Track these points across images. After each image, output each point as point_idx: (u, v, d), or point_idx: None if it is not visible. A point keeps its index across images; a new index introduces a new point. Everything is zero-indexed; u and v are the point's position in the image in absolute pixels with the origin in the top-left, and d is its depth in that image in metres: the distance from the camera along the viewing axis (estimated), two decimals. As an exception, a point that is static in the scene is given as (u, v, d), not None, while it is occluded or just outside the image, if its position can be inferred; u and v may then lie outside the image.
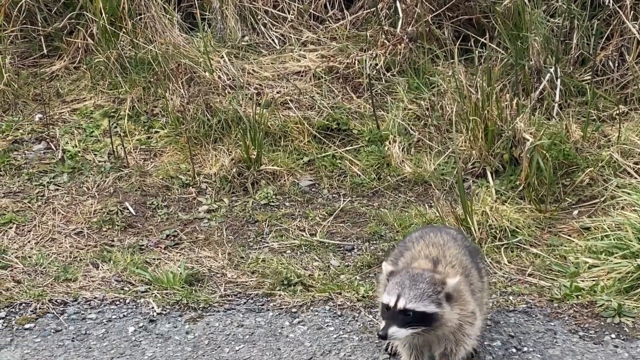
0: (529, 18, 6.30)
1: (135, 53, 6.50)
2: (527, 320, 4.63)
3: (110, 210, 5.50)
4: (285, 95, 6.33)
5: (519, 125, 5.67)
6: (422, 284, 3.76)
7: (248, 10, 6.91)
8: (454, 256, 4.09)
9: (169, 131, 6.15)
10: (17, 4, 6.69)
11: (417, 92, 6.36)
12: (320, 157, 5.96)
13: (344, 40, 6.82)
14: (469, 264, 4.14)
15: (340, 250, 5.22)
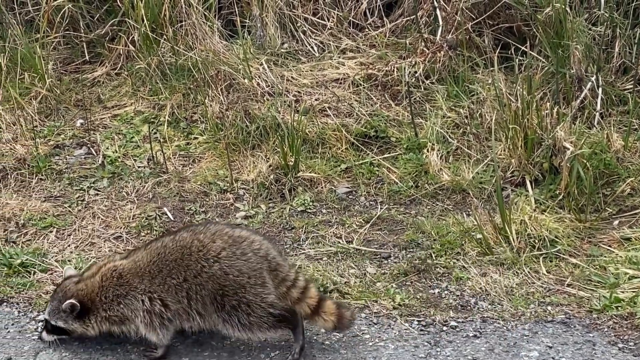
0: (571, 26, 6.24)
1: (176, 60, 6.56)
2: (566, 331, 4.58)
3: (149, 215, 5.54)
4: (323, 103, 6.34)
5: (559, 134, 5.61)
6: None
7: (288, 17, 6.94)
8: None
9: (207, 137, 6.19)
10: (60, 10, 6.78)
11: (456, 100, 6.34)
12: (358, 165, 5.95)
13: (383, 47, 6.81)
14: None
15: (376, 257, 5.21)
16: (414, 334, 4.56)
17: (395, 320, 4.66)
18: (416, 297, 4.85)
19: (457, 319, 4.69)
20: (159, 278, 4.26)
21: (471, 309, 4.78)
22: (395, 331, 4.58)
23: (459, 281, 4.99)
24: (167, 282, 4.26)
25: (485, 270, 5.04)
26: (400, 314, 4.71)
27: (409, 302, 4.79)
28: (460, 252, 5.19)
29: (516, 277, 4.99)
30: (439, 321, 4.66)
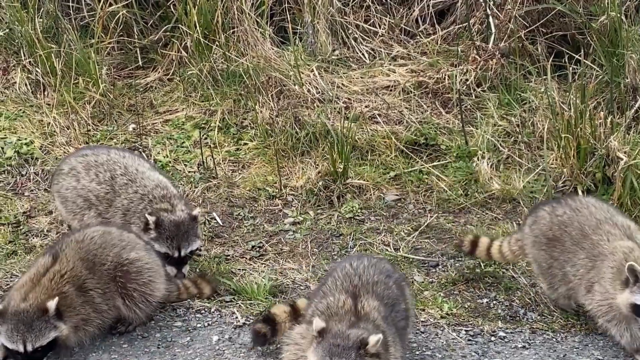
0: (626, 35, 6.16)
1: (227, 66, 6.60)
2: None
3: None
4: (373, 110, 6.33)
5: (612, 143, 5.54)
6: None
7: (339, 24, 6.94)
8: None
9: (257, 143, 6.21)
10: (114, 16, 6.87)
11: (507, 108, 6.28)
12: (407, 172, 5.93)
13: (435, 55, 6.78)
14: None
15: (424, 266, 5.18)
16: (462, 343, 4.52)
17: (442, 330, 4.63)
18: (464, 306, 4.81)
19: (505, 330, 4.64)
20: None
21: (520, 320, 4.73)
22: (442, 340, 4.54)
23: (508, 291, 4.94)
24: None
25: (535, 281, 4.98)
26: (448, 323, 4.68)
27: (457, 312, 4.76)
28: (510, 262, 5.14)
29: (566, 288, 4.92)
30: (487, 331, 4.62)
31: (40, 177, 5.98)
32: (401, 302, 4.16)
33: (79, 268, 4.40)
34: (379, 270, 4.18)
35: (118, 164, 5.10)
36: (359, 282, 4.07)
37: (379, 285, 4.09)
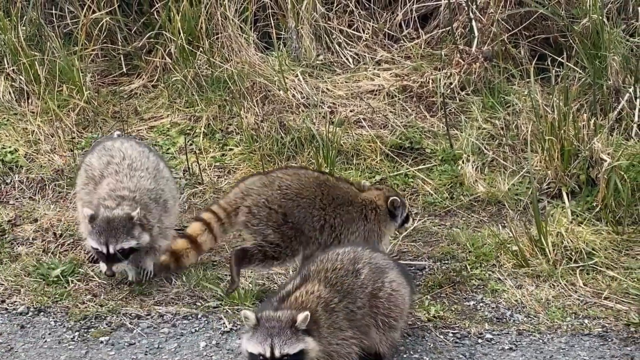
0: (608, 37, 6.20)
1: (212, 72, 6.60)
2: (603, 345, 4.53)
3: (184, 226, 5.55)
4: (358, 114, 6.35)
5: (596, 145, 5.57)
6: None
7: (323, 29, 6.96)
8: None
9: (243, 149, 6.22)
10: (98, 23, 6.86)
11: (491, 111, 6.31)
12: (393, 176, 5.95)
13: (419, 59, 6.81)
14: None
15: (411, 269, 5.19)
16: (449, 346, 4.54)
17: (430, 332, 4.64)
18: (451, 309, 4.83)
19: (492, 332, 4.65)
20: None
21: (507, 322, 4.75)
22: (429, 343, 4.56)
23: (495, 293, 4.96)
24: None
25: (521, 283, 5.01)
26: (435, 325, 4.69)
27: (444, 314, 4.77)
28: (496, 264, 5.17)
29: (552, 289, 4.95)
30: (474, 333, 4.63)
31: (25, 185, 5.96)
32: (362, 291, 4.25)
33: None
34: (350, 258, 4.31)
35: (121, 151, 5.14)
36: (317, 267, 4.27)
37: (336, 272, 4.23)
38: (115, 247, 4.79)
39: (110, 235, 4.79)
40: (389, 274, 4.37)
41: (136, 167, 5.08)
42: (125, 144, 5.22)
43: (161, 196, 5.08)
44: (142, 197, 4.96)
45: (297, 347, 3.96)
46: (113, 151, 5.16)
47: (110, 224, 4.80)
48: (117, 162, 5.09)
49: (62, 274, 5.10)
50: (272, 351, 3.94)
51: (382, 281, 4.32)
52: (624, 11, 6.63)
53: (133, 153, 5.15)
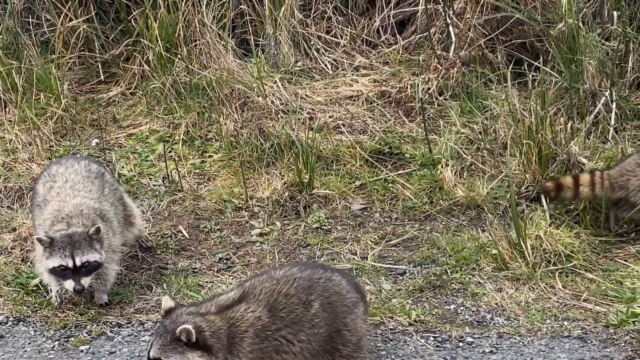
0: (584, 41, 6.25)
1: (190, 79, 6.60)
2: (582, 347, 4.56)
3: (164, 233, 5.57)
4: (337, 120, 6.36)
5: (573, 149, 5.61)
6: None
7: (301, 35, 6.97)
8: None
9: (222, 155, 6.21)
10: (75, 31, 6.84)
11: (469, 115, 6.34)
12: (372, 181, 5.96)
13: (397, 64, 6.83)
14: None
15: (392, 274, 5.21)
16: (430, 350, 4.55)
17: (411, 337, 4.65)
18: (432, 313, 4.84)
19: (473, 335, 4.67)
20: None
21: (487, 325, 4.77)
22: (411, 347, 4.57)
23: (475, 297, 4.98)
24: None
25: (501, 286, 5.03)
26: (416, 330, 4.70)
27: (425, 318, 4.79)
28: (476, 268, 5.19)
29: (532, 292, 4.98)
30: (455, 337, 4.65)
31: (3, 194, 5.93)
32: (320, 325, 4.03)
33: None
34: (301, 285, 4.06)
35: (64, 176, 5.08)
36: (268, 286, 4.04)
37: (283, 297, 4.01)
38: (81, 259, 4.72)
39: (75, 248, 4.72)
40: (351, 314, 4.12)
41: (79, 188, 5.02)
42: (69, 169, 5.12)
43: (106, 215, 5.01)
44: (89, 212, 4.90)
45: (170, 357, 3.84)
46: (56, 177, 5.09)
47: (72, 238, 4.74)
48: (60, 185, 5.03)
49: (41, 283, 5.07)
50: (149, 350, 3.88)
51: (345, 322, 4.09)
52: (600, 15, 6.69)
53: (76, 177, 5.07)
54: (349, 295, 4.16)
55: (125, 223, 5.18)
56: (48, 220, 4.88)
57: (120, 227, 5.11)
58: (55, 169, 5.17)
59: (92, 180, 5.09)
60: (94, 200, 4.99)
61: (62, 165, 5.19)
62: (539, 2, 6.66)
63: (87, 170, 5.15)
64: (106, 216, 5.00)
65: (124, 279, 5.17)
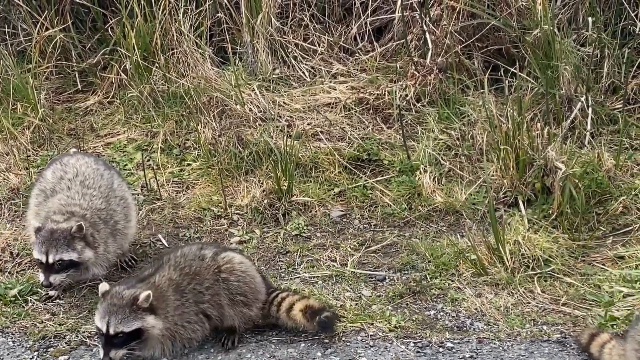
0: (559, 47, 6.30)
1: (168, 87, 6.59)
2: (562, 350, 4.58)
3: (143, 242, 5.54)
4: (315, 127, 6.37)
5: (550, 154, 5.64)
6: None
7: (278, 43, 6.98)
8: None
9: (201, 164, 6.20)
10: (52, 40, 6.81)
11: (447, 122, 6.37)
12: (351, 188, 5.97)
13: (374, 71, 6.86)
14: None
15: (371, 280, 5.22)
16: (411, 356, 4.56)
17: (391, 343, 4.66)
18: (412, 319, 4.85)
19: (453, 340, 4.69)
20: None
21: (467, 330, 4.78)
22: (391, 353, 4.58)
23: (455, 302, 4.99)
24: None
25: (480, 291, 5.05)
26: (397, 336, 4.71)
27: (405, 324, 4.80)
28: (455, 273, 5.21)
29: (511, 297, 5.00)
30: (435, 342, 4.66)
31: (-20, 204, 5.89)
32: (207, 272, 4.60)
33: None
34: (197, 247, 4.71)
35: (75, 168, 5.15)
36: (169, 256, 4.64)
37: (184, 257, 4.60)
38: (54, 257, 4.80)
39: (52, 245, 4.80)
40: (235, 257, 4.71)
41: (88, 184, 5.08)
42: (80, 161, 5.21)
43: (112, 217, 5.08)
44: (92, 216, 4.97)
45: (133, 325, 4.27)
46: (67, 167, 5.16)
47: (52, 235, 4.82)
48: (70, 177, 5.10)
49: (20, 294, 5.04)
50: (108, 328, 4.25)
51: (230, 262, 4.64)
52: (575, 21, 6.74)
53: (87, 171, 5.15)
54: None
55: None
56: (51, 209, 4.98)
57: (127, 226, 5.18)
58: (67, 159, 5.25)
59: (101, 174, 5.18)
60: (102, 199, 5.08)
61: (73, 156, 5.29)
62: (515, 9, 6.71)
63: (96, 164, 5.24)
64: (112, 217, 5.10)
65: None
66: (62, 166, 5.18)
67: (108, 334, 4.25)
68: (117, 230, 5.10)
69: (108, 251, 5.03)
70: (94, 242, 4.92)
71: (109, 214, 5.08)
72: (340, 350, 4.58)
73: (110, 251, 5.05)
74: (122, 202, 5.20)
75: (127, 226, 5.21)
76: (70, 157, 5.30)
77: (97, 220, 5.00)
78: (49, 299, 5.02)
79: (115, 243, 5.09)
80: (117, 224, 5.11)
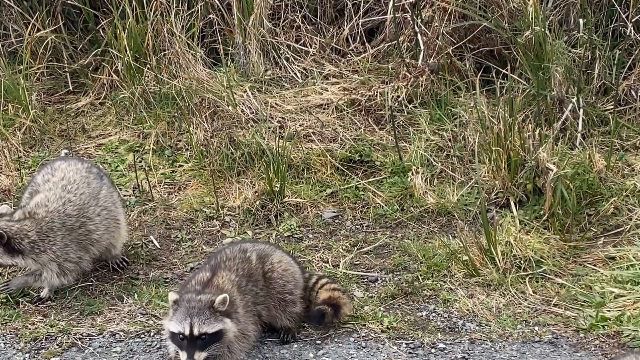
0: (551, 49, 6.31)
1: (160, 88, 6.58)
2: (553, 351, 4.60)
3: (135, 243, 5.54)
4: (308, 128, 6.37)
5: (542, 155, 5.66)
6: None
7: (270, 44, 6.98)
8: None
9: (193, 165, 6.20)
10: (43, 41, 6.80)
11: (439, 123, 6.38)
12: (343, 189, 5.98)
13: (366, 73, 6.86)
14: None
15: (364, 281, 5.22)
16: (403, 356, 4.57)
17: (383, 344, 4.66)
18: (404, 319, 4.86)
19: (445, 341, 4.70)
20: None
21: (459, 331, 4.79)
22: (383, 354, 4.58)
23: (447, 303, 5.00)
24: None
25: (472, 292, 5.06)
26: (389, 337, 4.72)
27: (397, 325, 4.80)
28: (447, 274, 5.21)
29: (503, 298, 5.02)
30: (427, 343, 4.67)
31: (-29, 205, 5.87)
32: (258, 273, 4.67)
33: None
34: (237, 248, 4.73)
35: (63, 172, 5.13)
36: (219, 260, 4.64)
37: (234, 261, 4.61)
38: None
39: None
40: (274, 256, 4.75)
41: (70, 189, 5.04)
42: (72, 167, 5.16)
43: (83, 225, 5.02)
44: (53, 219, 4.92)
45: (216, 326, 4.26)
46: (57, 171, 5.12)
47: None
48: (55, 181, 5.06)
49: (11, 295, 5.02)
50: (192, 329, 4.22)
51: (271, 263, 4.69)
52: (566, 23, 6.76)
53: (74, 176, 5.09)
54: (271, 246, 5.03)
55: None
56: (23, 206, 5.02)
57: (103, 236, 5.11)
58: (58, 163, 5.22)
59: (87, 183, 5.12)
60: (77, 207, 5.00)
61: (65, 161, 5.26)
62: (506, 10, 6.71)
63: (86, 171, 5.19)
64: (84, 226, 5.02)
65: (95, 289, 5.14)
66: (51, 170, 5.14)
67: (192, 335, 4.22)
68: (89, 240, 5.02)
69: (67, 258, 4.94)
70: (40, 245, 4.88)
71: (80, 222, 4.99)
72: (333, 352, 4.58)
73: (71, 258, 4.96)
74: (106, 214, 5.11)
75: (106, 237, 5.12)
76: (63, 161, 5.26)
77: (56, 225, 4.92)
78: (40, 301, 5.01)
79: (81, 251, 5.01)
80: (91, 234, 5.03)
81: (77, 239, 4.99)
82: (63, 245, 4.94)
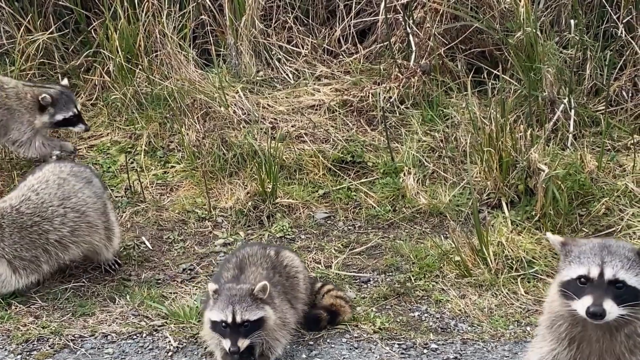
0: (542, 50, 6.33)
1: (152, 89, 6.57)
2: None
3: (127, 244, 5.53)
4: (300, 129, 6.37)
5: (533, 155, 5.67)
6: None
7: (262, 45, 6.99)
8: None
9: (185, 166, 6.20)
10: (35, 42, 6.78)
11: (431, 124, 6.39)
12: (336, 190, 5.98)
13: (358, 73, 6.87)
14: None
15: (356, 282, 5.22)
16: (395, 357, 4.57)
17: (376, 344, 4.67)
18: (396, 320, 4.87)
19: (437, 342, 4.70)
20: None
21: (451, 331, 4.80)
22: (376, 355, 4.58)
23: (439, 304, 5.01)
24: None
25: (464, 292, 5.07)
26: (381, 337, 4.72)
27: (390, 326, 4.80)
28: (439, 275, 5.22)
29: (495, 298, 5.03)
30: (419, 344, 4.67)
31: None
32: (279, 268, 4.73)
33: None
34: (255, 247, 4.80)
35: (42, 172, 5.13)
36: (241, 258, 4.68)
37: (256, 256, 4.68)
38: None
39: None
40: (282, 252, 4.81)
41: (36, 189, 5.01)
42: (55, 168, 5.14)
43: (38, 225, 4.97)
44: (4, 215, 4.90)
45: (258, 314, 4.30)
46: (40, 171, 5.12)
47: None
48: (30, 179, 5.07)
49: (3, 297, 5.01)
50: (234, 317, 4.25)
51: (284, 257, 4.77)
52: (557, 24, 6.78)
53: (50, 177, 5.06)
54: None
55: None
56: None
57: (71, 242, 5.06)
58: (49, 166, 5.21)
59: (61, 185, 5.07)
60: (38, 208, 4.95)
61: (56, 164, 5.25)
62: (498, 11, 6.73)
63: (70, 174, 5.14)
64: (44, 230, 4.96)
65: (87, 291, 5.13)
66: (39, 171, 5.13)
67: (235, 322, 4.26)
68: (46, 240, 4.96)
69: (17, 255, 4.91)
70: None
71: (33, 221, 4.93)
72: (325, 352, 4.59)
73: (24, 256, 4.92)
74: (75, 217, 5.04)
75: (75, 240, 5.07)
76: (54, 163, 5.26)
77: (5, 221, 4.88)
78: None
79: (36, 250, 4.95)
80: (48, 234, 4.96)
81: (29, 237, 4.94)
82: (12, 242, 4.89)
